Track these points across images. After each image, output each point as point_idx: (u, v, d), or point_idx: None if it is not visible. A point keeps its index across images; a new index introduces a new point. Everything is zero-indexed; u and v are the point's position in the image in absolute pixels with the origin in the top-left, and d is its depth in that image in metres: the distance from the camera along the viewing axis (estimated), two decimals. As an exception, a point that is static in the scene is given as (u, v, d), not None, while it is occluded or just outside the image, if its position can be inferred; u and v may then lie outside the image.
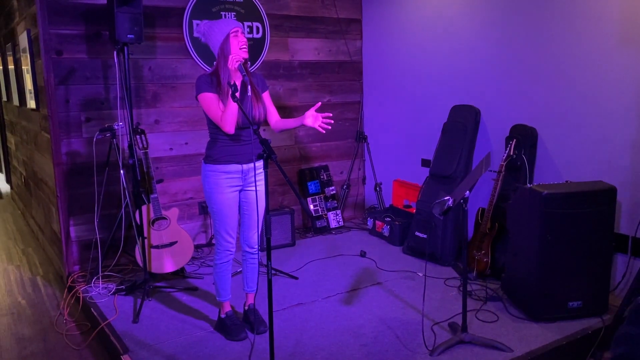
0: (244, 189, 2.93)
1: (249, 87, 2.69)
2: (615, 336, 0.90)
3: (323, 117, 2.73)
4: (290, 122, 2.92)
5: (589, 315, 3.05)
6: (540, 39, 3.61)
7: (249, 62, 2.75)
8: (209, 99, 2.73)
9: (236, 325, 2.99)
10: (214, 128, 2.83)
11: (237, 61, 2.65)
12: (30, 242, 5.33)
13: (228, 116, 2.67)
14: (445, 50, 4.35)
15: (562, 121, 3.54)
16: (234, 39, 2.70)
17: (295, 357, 2.73)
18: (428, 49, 4.51)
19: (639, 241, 3.19)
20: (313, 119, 2.75)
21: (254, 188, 2.92)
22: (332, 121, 2.77)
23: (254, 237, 3.01)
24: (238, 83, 2.71)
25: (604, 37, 3.24)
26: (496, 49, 3.92)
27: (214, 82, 2.76)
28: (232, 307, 3.14)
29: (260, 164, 2.90)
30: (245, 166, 2.86)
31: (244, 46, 2.72)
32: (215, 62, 2.80)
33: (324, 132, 2.77)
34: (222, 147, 2.82)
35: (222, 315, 3.05)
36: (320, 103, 2.81)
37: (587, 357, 2.87)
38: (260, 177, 2.92)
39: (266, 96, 2.97)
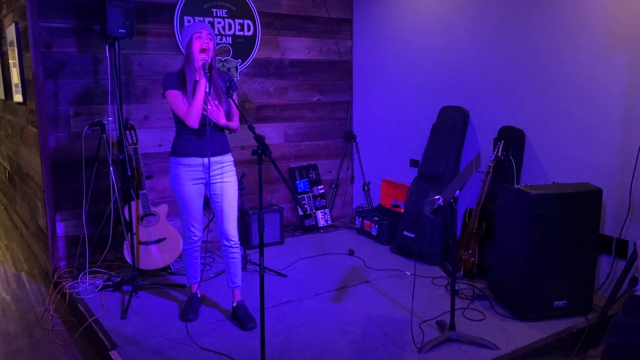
0: (210, 183, 3.01)
1: (209, 86, 2.86)
2: (609, 327, 0.93)
3: None
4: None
5: (574, 315, 3.10)
6: (529, 42, 3.66)
7: (212, 65, 2.93)
8: (174, 95, 2.91)
9: (189, 307, 3.16)
10: (179, 123, 3.00)
11: (201, 60, 2.81)
12: (14, 238, 5.26)
13: (192, 111, 2.84)
14: (435, 51, 4.39)
15: (550, 123, 3.59)
16: (196, 41, 2.86)
17: (285, 354, 2.74)
18: (418, 49, 4.55)
19: (623, 242, 3.26)
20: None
21: (220, 180, 3.02)
22: None
23: (230, 228, 3.05)
24: (203, 82, 2.84)
25: (592, 42, 3.30)
26: (486, 51, 3.96)
27: (179, 80, 2.93)
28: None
29: (223, 158, 3.03)
30: (205, 160, 2.96)
31: (205, 47, 2.85)
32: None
33: None
34: (184, 142, 2.98)
35: (188, 295, 3.26)
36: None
37: (571, 355, 2.92)
38: (227, 170, 3.04)
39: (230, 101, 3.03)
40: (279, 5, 4.78)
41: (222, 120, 2.94)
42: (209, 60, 2.87)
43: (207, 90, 2.82)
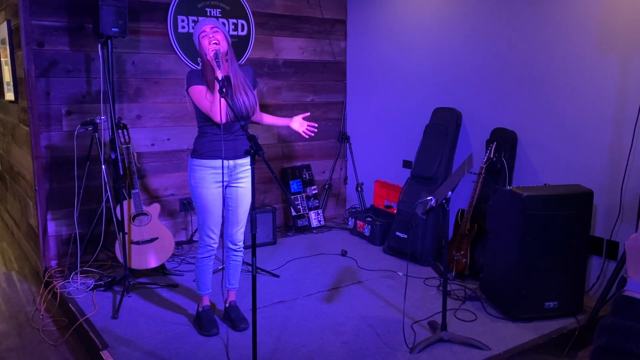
0: (229, 185, 2.93)
1: (232, 79, 2.79)
2: (598, 327, 0.93)
3: (309, 125, 3.02)
4: (276, 120, 3.11)
5: (565, 316, 3.12)
6: (521, 44, 3.68)
7: (223, 54, 2.79)
8: (198, 90, 2.78)
9: (209, 320, 3.00)
10: (202, 121, 2.86)
11: (212, 50, 2.72)
12: (4, 237, 5.22)
13: (216, 106, 2.70)
14: (428, 53, 4.40)
15: (542, 126, 3.61)
16: (203, 40, 2.79)
17: (277, 354, 2.74)
18: (411, 51, 4.56)
19: (614, 244, 3.28)
20: (299, 124, 3.03)
21: (240, 184, 2.93)
22: (316, 130, 3.05)
23: (238, 233, 3.01)
24: (218, 71, 2.71)
25: (584, 45, 3.32)
26: (479, 52, 3.98)
27: (204, 76, 2.81)
28: (211, 302, 3.15)
29: (245, 160, 2.91)
30: (231, 162, 2.87)
31: (214, 41, 2.76)
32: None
33: (307, 137, 3.05)
34: (208, 142, 2.84)
35: (200, 309, 3.08)
36: (309, 113, 3.05)
37: (562, 356, 2.93)
38: (248, 174, 2.92)
39: (255, 94, 3.00)
40: (273, 6, 4.78)
41: (254, 113, 2.90)
42: (221, 49, 2.75)
43: (220, 77, 2.60)
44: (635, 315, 0.89)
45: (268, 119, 3.12)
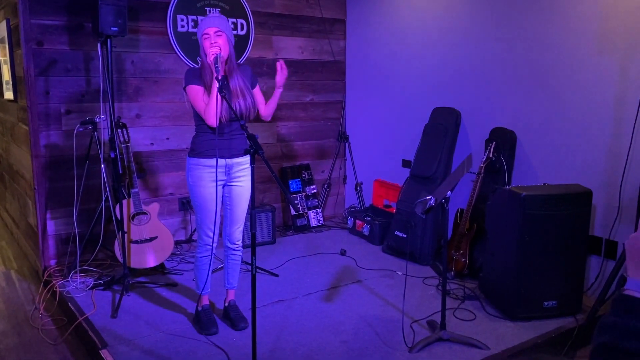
0: (227, 184, 2.93)
1: (229, 81, 2.79)
2: (598, 326, 0.94)
3: (282, 67, 2.97)
4: (273, 99, 3.03)
5: (564, 315, 3.13)
6: (521, 44, 3.68)
7: (223, 60, 2.77)
8: (195, 90, 2.78)
9: (209, 320, 3.00)
10: (199, 120, 2.86)
11: (213, 54, 2.70)
12: (4, 236, 5.22)
13: (211, 109, 2.70)
14: (427, 52, 4.41)
15: (541, 126, 3.62)
16: (205, 42, 2.77)
17: (276, 353, 2.74)
18: (411, 50, 4.56)
19: (612, 243, 3.29)
20: (279, 76, 2.97)
21: (238, 183, 2.93)
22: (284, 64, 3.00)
23: (236, 232, 3.00)
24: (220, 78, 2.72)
25: (583, 45, 3.33)
26: (478, 52, 3.98)
27: (202, 76, 2.81)
28: (210, 302, 3.15)
29: (245, 159, 2.91)
30: (229, 161, 2.86)
31: (215, 44, 2.74)
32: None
33: (285, 74, 2.97)
34: (206, 141, 2.84)
35: (199, 308, 3.07)
36: (281, 60, 2.99)
37: (560, 355, 2.94)
38: (246, 173, 2.92)
39: (257, 91, 3.01)
40: (272, 5, 4.78)
41: (251, 116, 2.89)
42: (223, 54, 2.73)
43: (218, 85, 2.59)
44: (635, 314, 0.89)
45: (269, 106, 3.04)
